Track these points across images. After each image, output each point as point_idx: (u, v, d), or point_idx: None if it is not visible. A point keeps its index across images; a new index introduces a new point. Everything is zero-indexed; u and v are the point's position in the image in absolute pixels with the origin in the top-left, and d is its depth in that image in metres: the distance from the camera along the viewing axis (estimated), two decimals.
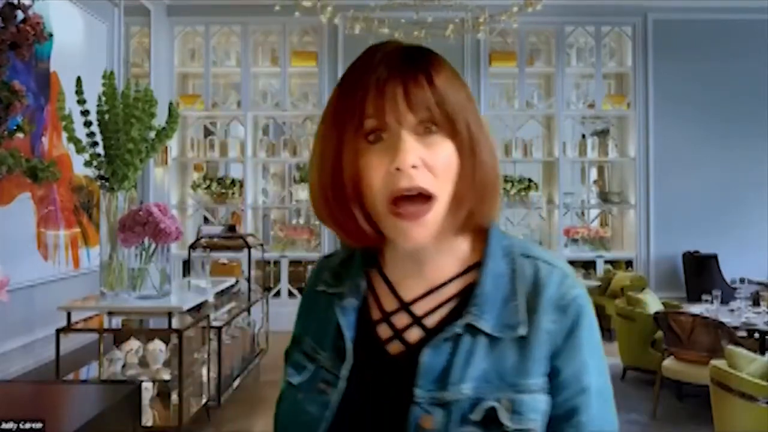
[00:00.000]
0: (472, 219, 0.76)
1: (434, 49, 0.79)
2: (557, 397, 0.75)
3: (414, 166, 0.71)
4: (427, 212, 0.73)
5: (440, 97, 0.73)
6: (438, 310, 0.78)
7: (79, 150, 2.60)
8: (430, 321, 0.78)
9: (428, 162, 0.72)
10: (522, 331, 0.74)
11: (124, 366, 3.05)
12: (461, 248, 0.80)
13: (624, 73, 7.06)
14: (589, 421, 0.75)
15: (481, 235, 0.80)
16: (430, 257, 0.79)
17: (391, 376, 0.76)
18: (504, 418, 0.71)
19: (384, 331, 0.79)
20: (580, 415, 0.75)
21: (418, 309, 0.79)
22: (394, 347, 0.78)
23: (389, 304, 0.80)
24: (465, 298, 0.77)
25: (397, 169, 0.71)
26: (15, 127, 2.46)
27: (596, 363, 0.77)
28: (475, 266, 0.79)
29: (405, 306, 0.80)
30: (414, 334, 0.78)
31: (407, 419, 0.72)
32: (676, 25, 6.81)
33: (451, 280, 0.79)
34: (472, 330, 0.74)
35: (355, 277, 0.82)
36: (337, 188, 0.75)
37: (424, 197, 0.72)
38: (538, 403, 0.73)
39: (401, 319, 0.79)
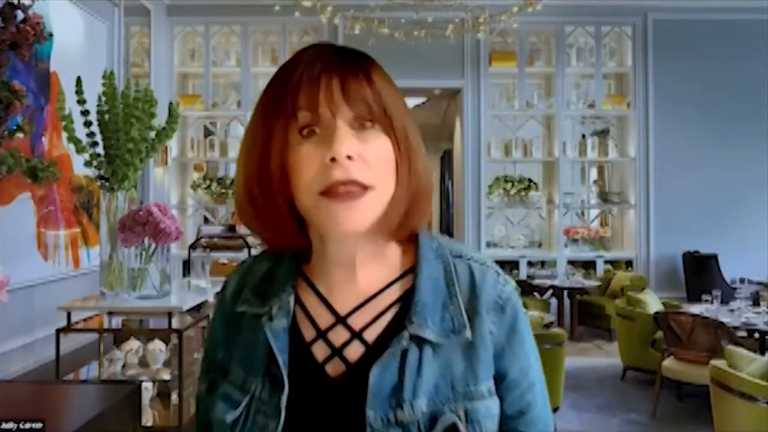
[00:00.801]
0: (406, 222, 0.74)
1: (434, 49, 0.80)
2: (508, 396, 0.74)
3: (349, 157, 0.67)
4: (361, 196, 0.68)
5: (378, 93, 0.71)
6: (377, 321, 0.73)
7: (79, 150, 2.60)
8: (371, 335, 0.72)
9: (364, 155, 0.69)
10: (467, 334, 0.72)
11: (124, 366, 3.04)
12: (394, 254, 0.77)
13: (624, 73, 7.06)
14: (539, 414, 0.76)
15: (411, 240, 0.77)
16: (362, 263, 0.75)
17: (334, 400, 0.70)
18: (463, 429, 0.69)
19: (320, 350, 0.73)
20: (532, 411, 0.76)
21: (355, 322, 0.73)
22: (334, 367, 0.72)
23: (323, 319, 0.74)
24: (404, 306, 0.73)
25: (332, 159, 0.67)
26: (15, 127, 2.45)
27: (535, 356, 0.78)
28: (409, 271, 0.76)
29: (341, 319, 0.74)
30: (354, 351, 0.72)
31: None
32: (676, 25, 6.81)
33: (386, 288, 0.75)
34: (418, 340, 0.71)
35: (281, 293, 0.75)
36: (263, 183, 0.71)
37: (360, 186, 0.68)
38: (490, 409, 0.72)
39: (339, 335, 0.73)
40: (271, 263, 0.79)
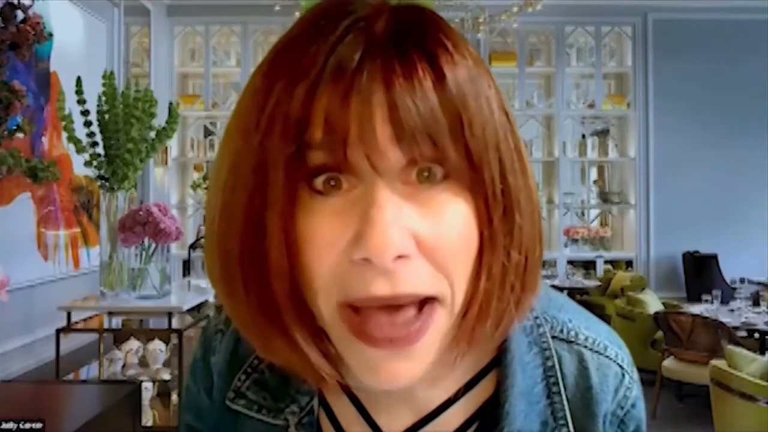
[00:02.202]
0: (497, 327, 0.44)
1: None
2: None
3: (400, 256, 0.38)
4: (421, 334, 0.40)
5: (456, 113, 0.39)
6: None
7: (79, 150, 2.60)
8: None
9: (425, 240, 0.39)
10: None
11: (124, 366, 3.05)
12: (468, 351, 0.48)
13: (624, 73, 7.06)
14: None
15: None
16: None
17: None
18: None
19: None
20: None
21: None
22: None
23: None
24: (484, 425, 0.50)
25: (365, 260, 0.38)
26: (15, 127, 2.45)
27: None
28: (490, 366, 0.50)
29: None
30: None
31: None
32: (676, 25, 6.81)
33: (453, 402, 0.50)
34: None
35: (299, 394, 0.50)
36: (250, 262, 0.41)
37: (416, 304, 0.40)
38: None
39: None
40: None
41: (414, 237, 0.39)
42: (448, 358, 0.45)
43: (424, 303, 0.40)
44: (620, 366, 0.52)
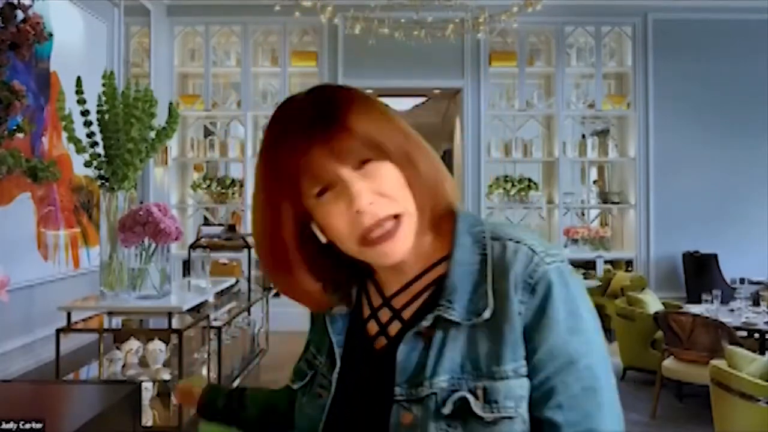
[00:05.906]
0: (434, 214, 0.80)
1: (434, 49, 0.80)
2: (534, 378, 0.72)
3: (371, 203, 0.74)
4: (397, 228, 0.75)
5: (363, 137, 0.75)
6: (413, 302, 0.81)
7: (79, 150, 2.59)
8: (407, 314, 0.81)
9: (379, 190, 0.75)
10: (486, 314, 0.73)
11: (124, 366, 3.05)
12: (434, 242, 0.82)
13: (624, 73, 7.06)
14: (569, 402, 0.71)
15: (450, 226, 0.81)
16: (407, 257, 0.81)
17: (375, 372, 0.80)
18: (476, 407, 0.70)
19: (372, 327, 0.84)
20: (559, 396, 0.71)
21: (397, 303, 0.82)
22: (379, 342, 0.82)
23: (376, 299, 0.85)
24: (438, 289, 0.78)
25: (357, 211, 0.74)
26: (15, 127, 2.45)
27: (580, 340, 0.73)
28: (446, 258, 0.80)
29: (386, 301, 0.83)
30: (394, 328, 0.81)
31: (389, 417, 0.75)
32: (676, 25, 6.81)
33: (425, 273, 0.81)
34: (443, 321, 0.75)
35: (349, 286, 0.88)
36: (277, 246, 0.80)
37: (391, 219, 0.75)
38: (513, 389, 0.71)
39: (384, 314, 0.83)
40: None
41: (371, 191, 0.74)
42: (419, 243, 0.79)
43: (395, 217, 0.75)
44: (531, 249, 0.76)
